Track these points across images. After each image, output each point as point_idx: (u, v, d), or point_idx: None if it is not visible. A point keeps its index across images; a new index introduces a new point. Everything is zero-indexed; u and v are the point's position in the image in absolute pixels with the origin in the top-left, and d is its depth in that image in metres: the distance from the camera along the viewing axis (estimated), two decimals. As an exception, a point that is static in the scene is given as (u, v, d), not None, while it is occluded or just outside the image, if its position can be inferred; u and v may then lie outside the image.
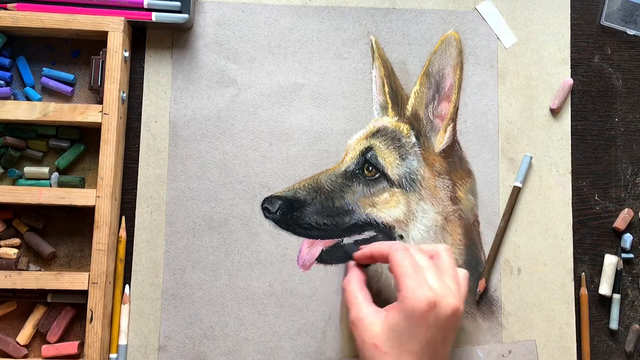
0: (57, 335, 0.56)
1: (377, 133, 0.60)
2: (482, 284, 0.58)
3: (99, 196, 0.55)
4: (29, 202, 0.54)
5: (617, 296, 0.59)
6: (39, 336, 0.57)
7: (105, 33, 0.56)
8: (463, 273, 0.53)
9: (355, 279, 0.53)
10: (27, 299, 0.56)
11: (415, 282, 0.48)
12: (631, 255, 0.60)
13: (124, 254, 0.57)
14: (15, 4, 0.57)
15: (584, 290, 0.59)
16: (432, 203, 0.59)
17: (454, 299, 0.48)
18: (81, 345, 0.56)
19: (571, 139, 0.62)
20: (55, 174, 0.58)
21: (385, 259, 0.51)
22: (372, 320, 0.49)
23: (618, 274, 0.60)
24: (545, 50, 0.62)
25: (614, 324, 0.59)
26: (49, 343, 0.56)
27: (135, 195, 0.58)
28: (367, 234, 0.59)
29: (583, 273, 0.60)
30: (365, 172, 0.59)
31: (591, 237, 0.61)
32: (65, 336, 0.57)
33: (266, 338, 0.57)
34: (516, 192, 0.60)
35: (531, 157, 0.60)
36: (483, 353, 0.58)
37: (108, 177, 0.55)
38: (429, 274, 0.49)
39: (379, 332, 0.48)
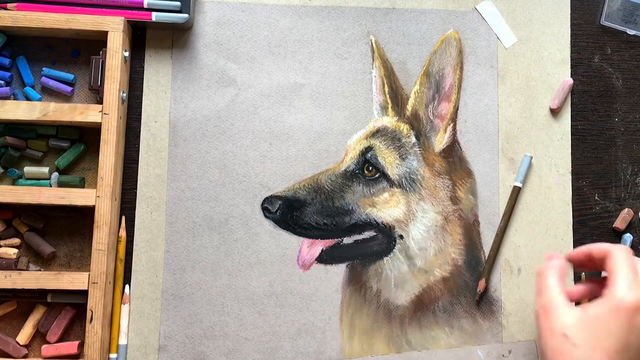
0: (57, 335, 0.56)
1: (377, 133, 0.60)
2: (482, 284, 0.58)
3: (99, 196, 0.55)
4: (29, 202, 0.54)
5: None
6: (39, 336, 0.57)
7: (105, 33, 0.56)
8: None
9: (555, 268, 0.49)
10: (27, 299, 0.56)
11: (630, 281, 0.45)
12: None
13: (124, 254, 0.57)
14: (15, 4, 0.57)
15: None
16: (432, 203, 0.59)
17: None
18: (81, 345, 0.56)
19: (571, 139, 0.62)
20: (55, 173, 0.58)
21: (603, 254, 0.48)
22: (566, 310, 0.46)
23: None
24: (545, 50, 0.62)
25: None
26: (48, 343, 0.56)
27: (135, 195, 0.58)
28: (367, 234, 0.59)
29: (583, 273, 0.60)
30: (365, 172, 0.59)
31: (591, 237, 0.61)
32: (65, 336, 0.57)
33: (266, 338, 0.57)
34: (516, 192, 0.60)
35: (531, 157, 0.60)
36: (483, 353, 0.58)
37: (108, 177, 0.55)
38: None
39: (572, 322, 0.45)
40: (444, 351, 0.58)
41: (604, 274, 0.49)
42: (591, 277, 0.52)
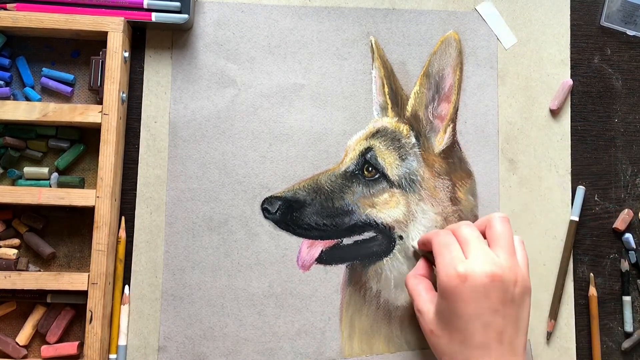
0: (57, 335, 0.56)
1: (377, 134, 0.60)
2: (551, 324, 0.59)
3: (98, 196, 0.55)
4: (28, 203, 0.54)
5: (627, 298, 0.59)
6: (39, 337, 0.57)
7: (105, 33, 0.56)
8: (517, 239, 0.51)
9: (415, 272, 0.54)
10: (26, 300, 0.56)
11: (446, 260, 0.48)
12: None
13: (124, 255, 0.57)
14: (15, 4, 0.57)
15: (593, 291, 0.59)
16: (431, 204, 0.59)
17: (489, 266, 0.46)
18: (81, 346, 0.56)
19: (571, 140, 0.62)
20: (55, 174, 0.57)
21: (430, 246, 0.52)
22: (428, 308, 0.50)
23: (625, 276, 0.60)
24: (545, 51, 0.62)
25: (628, 327, 0.59)
26: (48, 343, 0.56)
27: (135, 195, 0.58)
28: (367, 235, 0.59)
29: (591, 274, 0.60)
30: (365, 172, 0.59)
31: (591, 238, 0.61)
32: (64, 337, 0.57)
33: (266, 338, 0.57)
34: (574, 227, 0.60)
35: (585, 190, 0.60)
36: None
37: (108, 178, 0.55)
38: (471, 247, 0.48)
39: (432, 318, 0.49)
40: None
41: None
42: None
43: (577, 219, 0.60)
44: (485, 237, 0.51)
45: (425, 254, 0.56)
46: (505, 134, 0.61)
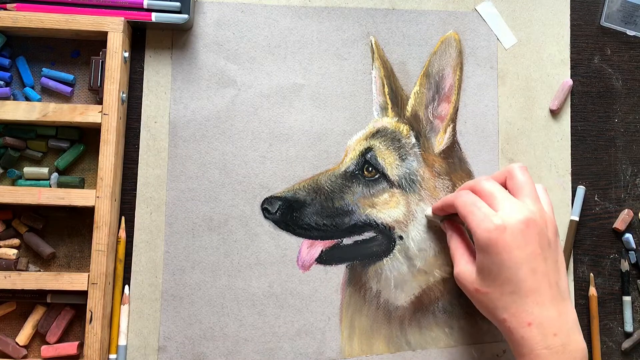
0: (57, 335, 0.56)
1: (377, 134, 0.60)
2: None
3: (98, 197, 0.55)
4: (28, 203, 0.54)
5: (627, 298, 0.59)
6: (39, 337, 0.57)
7: (105, 33, 0.56)
8: (540, 187, 0.53)
9: (455, 235, 0.55)
10: (26, 300, 0.56)
11: (478, 216, 0.49)
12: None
13: (124, 255, 0.57)
14: (15, 4, 0.57)
15: (593, 291, 0.59)
16: (431, 204, 0.59)
17: (522, 213, 0.48)
18: (81, 346, 0.56)
19: (571, 140, 0.62)
20: (55, 174, 0.57)
21: (452, 207, 0.53)
22: (468, 269, 0.51)
23: (625, 276, 0.60)
24: (545, 51, 0.62)
25: (628, 327, 0.59)
26: (48, 344, 0.56)
27: (135, 195, 0.58)
28: (367, 235, 0.59)
29: (591, 274, 0.60)
30: (365, 172, 0.59)
31: (591, 238, 0.61)
32: (64, 337, 0.57)
33: (266, 339, 0.57)
34: (574, 226, 0.60)
35: (585, 190, 0.60)
36: (477, 352, 0.58)
37: (108, 178, 0.55)
38: (497, 200, 0.50)
39: (475, 277, 0.50)
40: (438, 351, 0.58)
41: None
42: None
43: (577, 218, 0.60)
44: (506, 188, 0.52)
45: (445, 218, 0.56)
46: (505, 134, 0.61)
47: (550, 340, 0.47)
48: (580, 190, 0.60)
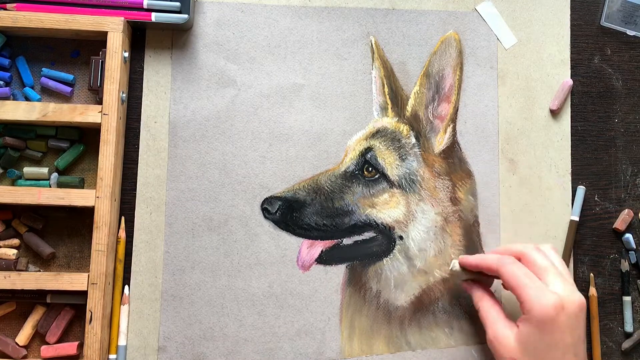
0: (57, 335, 0.56)
1: (377, 134, 0.60)
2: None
3: (98, 197, 0.55)
4: (28, 203, 0.54)
5: (627, 298, 0.59)
6: (38, 337, 0.57)
7: (105, 33, 0.56)
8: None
9: (486, 297, 0.53)
10: (26, 300, 0.56)
11: (535, 290, 0.48)
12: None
13: (124, 255, 0.57)
14: (14, 4, 0.57)
15: (593, 291, 0.59)
16: (431, 204, 0.59)
17: (578, 294, 0.48)
18: (80, 346, 0.56)
19: (571, 140, 0.62)
20: (55, 174, 0.57)
21: (494, 272, 0.51)
22: (507, 335, 0.49)
23: (625, 276, 0.60)
24: (545, 51, 0.62)
25: (628, 327, 0.59)
26: (48, 344, 0.56)
27: (135, 195, 0.58)
28: (367, 235, 0.59)
29: (591, 274, 0.60)
30: (365, 172, 0.59)
31: (591, 238, 0.61)
32: (64, 337, 0.57)
33: (266, 339, 0.57)
34: (574, 227, 0.60)
35: (585, 190, 0.60)
36: (477, 353, 0.58)
37: (107, 178, 0.55)
38: (550, 275, 0.49)
39: (515, 346, 0.49)
40: (438, 351, 0.58)
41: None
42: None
43: (577, 218, 0.60)
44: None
45: (474, 277, 0.55)
46: (505, 134, 0.61)
47: None
48: (580, 190, 0.60)
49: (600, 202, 0.61)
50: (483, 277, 0.55)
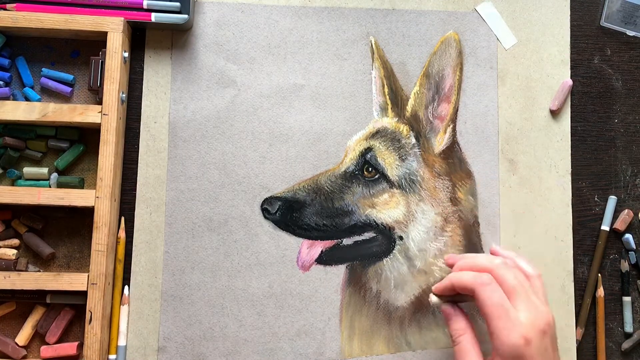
0: (56, 336, 0.56)
1: (377, 134, 0.60)
2: (578, 332, 0.58)
3: (98, 197, 0.55)
4: (28, 203, 0.54)
5: (627, 299, 0.59)
6: (38, 337, 0.57)
7: (105, 33, 0.56)
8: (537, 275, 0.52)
9: (468, 333, 0.51)
10: (26, 300, 0.56)
11: (505, 322, 0.47)
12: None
13: (123, 255, 0.57)
14: (14, 4, 0.57)
15: (600, 292, 0.59)
16: (431, 204, 0.59)
17: (543, 317, 0.48)
18: (80, 346, 0.56)
19: (571, 140, 0.62)
20: (55, 174, 0.57)
21: (469, 292, 0.49)
22: None
23: (625, 276, 0.60)
24: (545, 51, 0.62)
25: (628, 327, 0.59)
26: (48, 344, 0.56)
27: (135, 196, 0.58)
28: (367, 235, 0.59)
29: (599, 274, 0.60)
30: (365, 173, 0.59)
31: (591, 238, 0.61)
32: (64, 337, 0.56)
33: (265, 339, 0.57)
34: (605, 236, 0.60)
35: (616, 199, 0.60)
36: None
37: (107, 178, 0.55)
38: (518, 298, 0.48)
39: None
40: (438, 351, 0.58)
41: None
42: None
43: (607, 228, 0.60)
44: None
45: (450, 299, 0.53)
46: (505, 134, 0.61)
47: None
48: (612, 200, 0.60)
49: (600, 202, 0.61)
50: (463, 296, 0.52)
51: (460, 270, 0.51)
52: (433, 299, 0.53)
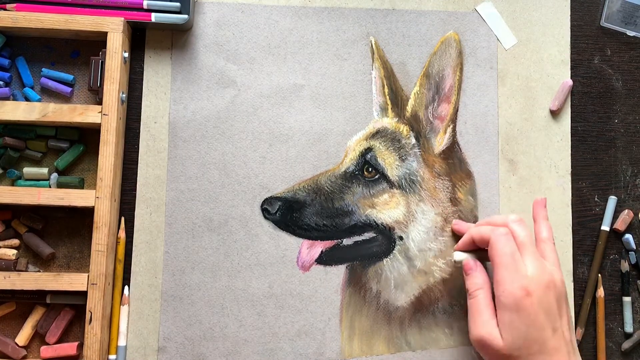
0: (56, 336, 0.56)
1: (377, 134, 0.60)
2: (578, 332, 0.59)
3: (98, 197, 0.55)
4: (28, 203, 0.54)
5: (627, 299, 0.59)
6: (38, 337, 0.57)
7: (105, 33, 0.56)
8: (551, 243, 0.55)
9: (486, 287, 0.52)
10: (26, 300, 0.56)
11: (510, 273, 0.49)
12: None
13: (123, 255, 0.57)
14: (14, 5, 0.57)
15: (600, 292, 0.59)
16: (431, 204, 0.59)
17: (547, 274, 0.50)
18: (80, 347, 0.56)
19: (571, 140, 0.62)
20: (55, 174, 0.57)
21: (486, 244, 0.52)
22: (494, 334, 0.50)
23: (625, 276, 0.60)
24: (545, 51, 0.62)
25: (628, 327, 0.59)
26: (48, 344, 0.56)
27: (135, 196, 0.58)
28: (367, 235, 0.59)
29: (600, 275, 0.60)
30: (365, 173, 0.59)
31: (591, 239, 0.61)
32: (64, 337, 0.57)
33: (266, 339, 0.57)
34: (605, 236, 0.60)
35: (616, 200, 0.61)
36: (477, 353, 0.58)
37: (107, 178, 0.55)
38: (526, 252, 0.50)
39: (502, 343, 0.49)
40: (438, 351, 0.58)
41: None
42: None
43: (607, 229, 0.60)
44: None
45: (472, 254, 0.55)
46: (505, 134, 0.61)
47: None
48: (612, 200, 0.60)
49: (600, 203, 0.61)
50: (481, 254, 0.55)
51: (478, 226, 0.55)
52: (456, 255, 0.56)
